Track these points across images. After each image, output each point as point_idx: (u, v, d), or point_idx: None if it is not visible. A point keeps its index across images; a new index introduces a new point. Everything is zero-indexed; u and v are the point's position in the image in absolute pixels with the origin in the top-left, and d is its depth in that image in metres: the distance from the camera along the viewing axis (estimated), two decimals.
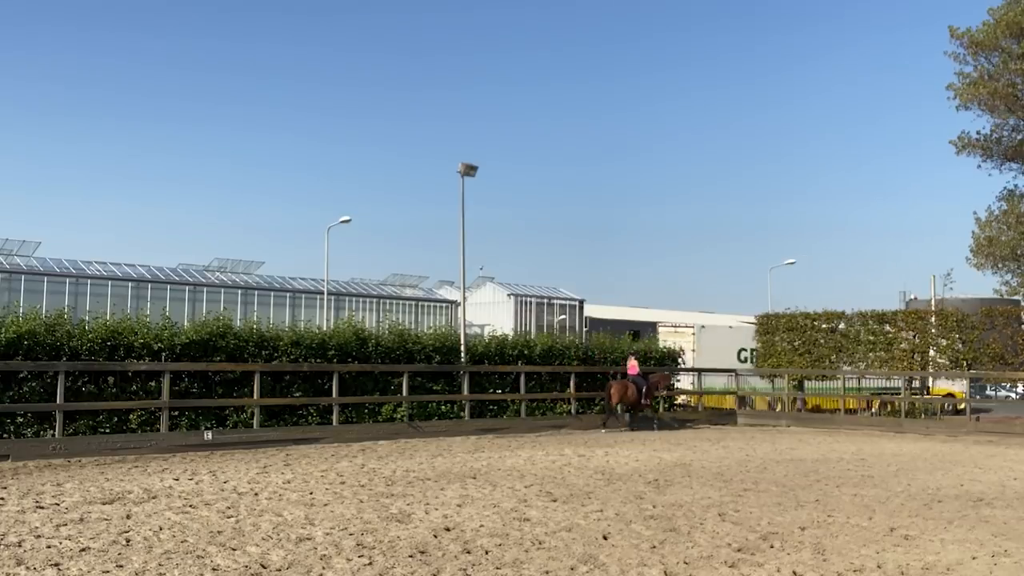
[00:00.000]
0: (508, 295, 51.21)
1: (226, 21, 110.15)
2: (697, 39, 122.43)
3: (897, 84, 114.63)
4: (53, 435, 15.02)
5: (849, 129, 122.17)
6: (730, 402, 28.81)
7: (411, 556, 7.45)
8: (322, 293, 43.63)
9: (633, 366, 22.97)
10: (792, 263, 57.59)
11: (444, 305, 49.35)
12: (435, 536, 8.32)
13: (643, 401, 22.33)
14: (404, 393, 19.89)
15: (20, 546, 7.61)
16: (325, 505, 10.03)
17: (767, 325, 31.65)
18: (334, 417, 18.64)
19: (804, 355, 30.04)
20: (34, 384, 15.31)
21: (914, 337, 28.66)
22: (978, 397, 35.03)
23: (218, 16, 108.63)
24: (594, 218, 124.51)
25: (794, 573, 7.08)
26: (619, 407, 22.47)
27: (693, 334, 31.85)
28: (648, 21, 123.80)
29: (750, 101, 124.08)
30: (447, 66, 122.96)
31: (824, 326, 30.19)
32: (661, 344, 27.89)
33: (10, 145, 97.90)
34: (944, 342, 28.08)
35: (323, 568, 6.97)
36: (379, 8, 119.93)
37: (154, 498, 10.36)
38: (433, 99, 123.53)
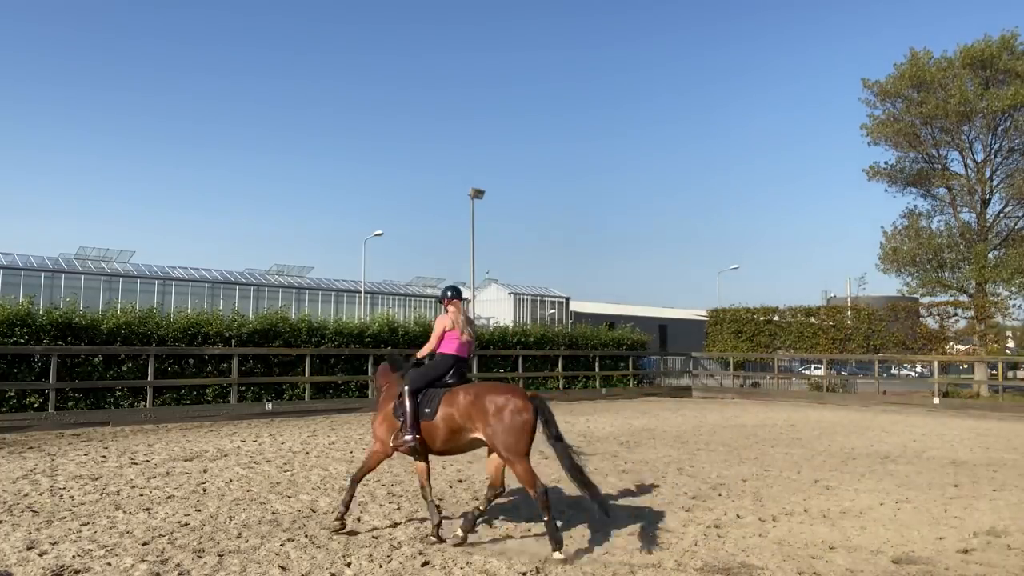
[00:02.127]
0: (508, 293, 51.09)
1: (283, 64, 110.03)
2: (660, 77, 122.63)
3: (819, 121, 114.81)
4: (145, 405, 15.02)
5: (783, 156, 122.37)
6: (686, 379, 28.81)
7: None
8: (360, 292, 43.63)
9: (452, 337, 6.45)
10: (736, 267, 57.68)
11: None
12: (450, 486, 8.31)
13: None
14: None
15: (119, 494, 7.61)
16: None
17: (716, 318, 31.64)
18: (370, 391, 18.59)
19: (746, 342, 30.04)
20: (130, 365, 15.31)
21: (833, 327, 28.67)
22: (885, 376, 35.04)
23: (272, 59, 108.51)
24: (577, 228, 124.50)
25: (738, 516, 7.08)
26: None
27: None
28: (621, 65, 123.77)
29: (704, 130, 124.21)
30: (462, 101, 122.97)
31: (762, 319, 30.20)
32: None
33: (118, 170, 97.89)
34: (858, 331, 28.09)
35: (361, 512, 6.96)
36: (409, 52, 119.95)
37: (225, 456, 10.37)
38: (450, 129, 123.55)
